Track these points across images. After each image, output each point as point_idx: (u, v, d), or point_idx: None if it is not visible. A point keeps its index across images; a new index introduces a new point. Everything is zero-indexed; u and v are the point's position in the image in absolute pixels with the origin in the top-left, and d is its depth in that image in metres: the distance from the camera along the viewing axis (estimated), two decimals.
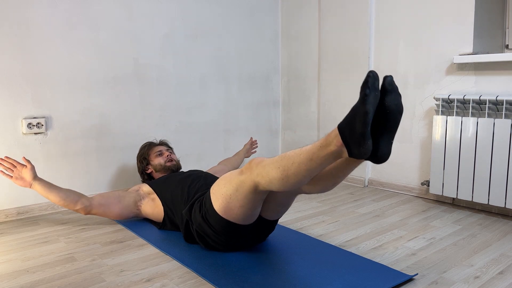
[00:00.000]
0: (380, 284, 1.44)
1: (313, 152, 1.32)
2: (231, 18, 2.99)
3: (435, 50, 2.41)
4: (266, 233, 1.75)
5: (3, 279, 1.54)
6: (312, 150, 1.32)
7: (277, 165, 1.37)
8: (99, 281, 1.51)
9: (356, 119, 1.23)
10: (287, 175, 1.35)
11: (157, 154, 2.25)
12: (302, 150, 1.35)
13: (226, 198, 1.53)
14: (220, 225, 1.60)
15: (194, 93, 2.86)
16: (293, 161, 1.34)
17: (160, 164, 2.22)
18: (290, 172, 1.35)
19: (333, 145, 1.28)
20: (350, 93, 2.84)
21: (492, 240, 1.87)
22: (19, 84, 2.21)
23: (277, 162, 1.38)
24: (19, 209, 2.24)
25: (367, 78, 1.22)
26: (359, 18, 2.74)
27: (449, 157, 2.27)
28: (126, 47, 2.54)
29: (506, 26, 2.40)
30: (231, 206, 1.53)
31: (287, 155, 1.37)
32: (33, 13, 2.21)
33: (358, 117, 1.22)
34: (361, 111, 1.22)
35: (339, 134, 1.27)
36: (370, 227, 2.04)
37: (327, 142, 1.30)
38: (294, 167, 1.34)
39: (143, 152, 2.29)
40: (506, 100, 2.06)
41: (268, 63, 3.25)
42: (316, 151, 1.31)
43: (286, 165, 1.35)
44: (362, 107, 1.22)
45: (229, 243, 1.67)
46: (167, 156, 2.24)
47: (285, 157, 1.37)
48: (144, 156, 2.27)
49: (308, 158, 1.32)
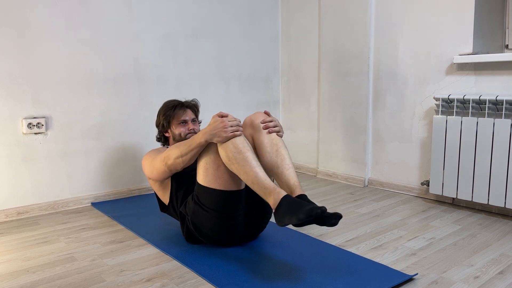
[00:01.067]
0: (380, 284, 1.45)
1: (258, 183, 1.53)
2: (231, 18, 2.99)
3: (435, 50, 2.41)
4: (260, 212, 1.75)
5: (3, 279, 1.54)
6: (259, 182, 1.53)
7: (235, 155, 1.56)
8: (99, 281, 1.51)
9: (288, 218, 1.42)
10: (231, 165, 1.58)
11: (180, 122, 2.00)
12: (255, 171, 1.55)
13: (205, 168, 1.65)
14: (212, 199, 1.63)
15: (194, 93, 2.86)
16: (244, 167, 1.56)
17: (180, 134, 2.00)
18: (234, 167, 1.57)
19: (270, 201, 1.50)
20: (350, 93, 2.84)
21: (492, 240, 1.87)
22: (19, 84, 2.21)
23: (236, 151, 1.57)
24: (19, 209, 2.25)
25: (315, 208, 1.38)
26: (359, 18, 2.74)
27: (449, 157, 2.27)
28: (126, 47, 2.54)
29: (506, 26, 2.40)
30: (212, 172, 1.63)
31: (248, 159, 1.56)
32: (33, 13, 2.21)
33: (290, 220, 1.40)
34: (294, 221, 1.39)
35: (276, 208, 1.47)
36: (370, 227, 2.04)
37: (269, 194, 1.50)
38: (240, 169, 1.56)
39: (167, 114, 2.01)
40: (506, 100, 2.06)
41: (268, 63, 3.26)
42: (260, 186, 1.52)
43: (239, 162, 1.56)
44: (295, 221, 1.39)
45: (225, 226, 1.67)
46: (190, 129, 2.01)
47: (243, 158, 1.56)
48: (168, 119, 2.01)
49: (251, 181, 1.54)
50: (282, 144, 1.73)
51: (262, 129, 1.74)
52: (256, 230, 1.81)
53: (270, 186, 1.51)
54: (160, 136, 2.07)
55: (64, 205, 2.38)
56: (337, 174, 2.98)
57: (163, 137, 2.07)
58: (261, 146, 1.72)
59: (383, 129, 2.71)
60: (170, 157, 1.74)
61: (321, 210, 1.37)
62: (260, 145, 1.73)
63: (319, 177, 3.08)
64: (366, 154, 2.80)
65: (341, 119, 2.92)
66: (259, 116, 1.77)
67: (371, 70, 2.73)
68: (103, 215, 2.27)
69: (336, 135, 2.96)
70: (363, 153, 2.81)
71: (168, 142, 2.08)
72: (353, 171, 2.89)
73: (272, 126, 1.75)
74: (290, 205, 1.42)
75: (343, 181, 2.94)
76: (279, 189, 1.50)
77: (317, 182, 2.96)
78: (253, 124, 1.76)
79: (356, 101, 2.81)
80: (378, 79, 2.70)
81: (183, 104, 2.05)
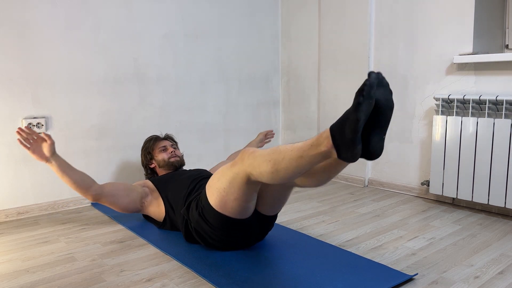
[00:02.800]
0: (380, 284, 1.45)
1: (303, 150, 1.33)
2: (231, 18, 2.99)
3: (435, 50, 2.41)
4: (264, 230, 1.75)
5: (3, 279, 1.54)
6: (303, 148, 1.33)
7: (268, 158, 1.39)
8: (99, 281, 1.51)
9: (347, 125, 1.24)
10: (277, 169, 1.37)
11: (161, 149, 2.22)
12: (294, 146, 1.36)
13: (220, 191, 1.54)
14: (217, 221, 1.60)
15: (194, 93, 2.86)
16: (284, 156, 1.36)
17: (163, 159, 2.20)
18: (280, 167, 1.36)
19: (323, 146, 1.30)
20: (350, 93, 2.84)
21: (492, 240, 1.87)
22: (19, 84, 2.21)
23: (268, 155, 1.40)
24: (19, 209, 2.25)
25: (363, 86, 1.21)
26: (359, 18, 2.74)
27: (449, 157, 2.27)
28: (126, 47, 2.54)
29: (506, 26, 2.40)
30: (225, 200, 1.54)
31: (279, 150, 1.39)
32: (33, 13, 2.21)
33: (349, 123, 1.23)
34: (352, 118, 1.22)
35: (330, 136, 1.28)
36: (370, 227, 2.04)
37: (318, 142, 1.31)
38: (284, 162, 1.36)
39: (147, 146, 2.26)
40: (506, 100, 2.06)
41: (268, 63, 3.25)
42: (307, 149, 1.33)
43: (277, 159, 1.37)
44: (354, 114, 1.22)
45: (227, 240, 1.67)
46: (171, 152, 2.22)
47: (276, 151, 1.39)
48: (149, 151, 2.24)
49: (299, 155, 1.34)
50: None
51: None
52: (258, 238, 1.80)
53: (310, 141, 1.34)
54: (147, 170, 2.28)
55: (64, 205, 2.38)
56: None
57: (149, 170, 2.27)
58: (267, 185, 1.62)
59: None
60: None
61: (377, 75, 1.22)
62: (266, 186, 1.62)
63: None
64: None
65: None
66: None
67: (371, 70, 2.72)
68: (103, 215, 2.27)
69: None
70: None
71: (157, 173, 2.26)
72: (353, 171, 2.89)
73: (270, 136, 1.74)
74: (340, 124, 1.26)
75: (343, 181, 2.94)
76: (319, 134, 1.34)
77: None
78: None
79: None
80: None
81: (159, 137, 2.32)
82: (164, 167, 2.21)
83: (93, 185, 1.90)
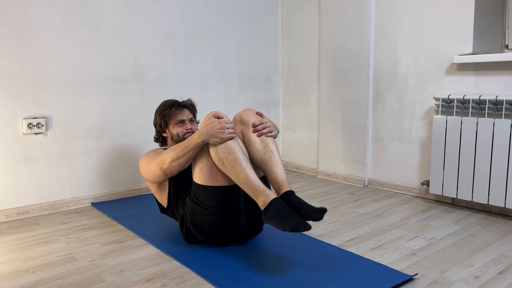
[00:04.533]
0: (380, 284, 1.45)
1: (248, 184, 1.57)
2: (231, 18, 2.99)
3: (435, 50, 2.41)
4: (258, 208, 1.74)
5: (3, 279, 1.54)
6: (249, 184, 1.57)
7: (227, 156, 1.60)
8: (99, 281, 1.51)
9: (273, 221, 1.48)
10: (222, 166, 1.61)
11: (178, 122, 1.99)
12: (245, 172, 1.58)
13: (200, 167, 1.67)
14: (210, 197, 1.65)
15: (194, 93, 2.86)
16: (235, 168, 1.60)
17: (178, 134, 1.98)
18: (225, 167, 1.61)
19: (259, 201, 1.54)
20: (350, 93, 2.84)
21: (492, 240, 1.87)
22: (19, 84, 2.21)
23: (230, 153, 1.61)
24: (19, 209, 2.25)
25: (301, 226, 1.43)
26: (359, 18, 2.74)
27: (449, 157, 2.27)
28: (126, 47, 2.54)
29: (506, 26, 2.40)
30: (207, 170, 1.66)
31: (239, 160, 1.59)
32: (33, 13, 2.21)
33: (275, 224, 1.47)
34: (279, 227, 1.46)
35: (264, 209, 1.52)
36: (370, 227, 2.04)
37: (259, 195, 1.55)
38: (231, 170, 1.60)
39: (165, 113, 2.00)
40: (506, 100, 2.06)
41: (268, 63, 3.25)
42: (250, 188, 1.57)
43: (231, 163, 1.60)
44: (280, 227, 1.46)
45: (225, 225, 1.68)
46: (188, 129, 2.00)
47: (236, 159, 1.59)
48: (165, 119, 2.00)
49: (241, 182, 1.59)
50: (271, 140, 1.74)
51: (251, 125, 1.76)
52: (255, 227, 1.81)
53: (260, 187, 1.55)
54: (158, 136, 2.06)
55: (64, 205, 2.38)
56: (337, 174, 2.98)
57: (161, 137, 2.06)
58: (250, 143, 1.74)
59: (383, 129, 2.71)
60: (165, 161, 1.73)
61: (305, 228, 1.42)
62: (249, 141, 1.75)
63: (319, 177, 3.08)
64: (366, 154, 2.80)
65: (341, 119, 2.92)
66: (248, 113, 1.79)
67: (371, 70, 2.73)
68: (103, 215, 2.27)
69: (336, 135, 2.96)
70: (363, 153, 2.81)
71: (166, 143, 2.06)
72: (353, 171, 2.89)
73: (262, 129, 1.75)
74: (277, 211, 1.47)
75: (343, 181, 2.94)
76: (268, 191, 1.53)
77: (317, 182, 2.96)
78: (243, 120, 1.78)
79: (356, 101, 2.81)
80: (378, 79, 2.70)
81: (180, 104, 2.03)
82: (177, 141, 1.98)
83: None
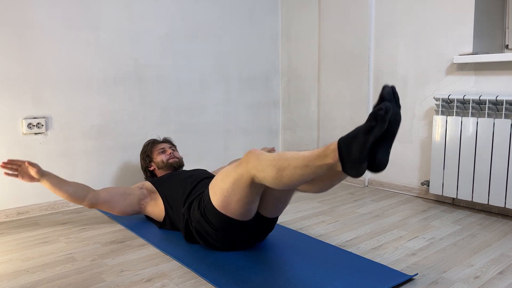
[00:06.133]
0: (380, 284, 1.45)
1: (309, 159, 1.34)
2: (231, 18, 2.99)
3: (435, 50, 2.41)
4: (265, 231, 1.75)
5: (3, 279, 1.54)
6: (310, 157, 1.34)
7: (274, 163, 1.39)
8: (99, 281, 1.51)
9: (355, 143, 1.25)
10: (281, 175, 1.37)
11: (159, 152, 2.24)
12: (300, 154, 1.36)
13: (223, 192, 1.55)
14: (219, 221, 1.60)
15: (194, 93, 2.86)
16: (289, 163, 1.36)
17: (162, 161, 2.21)
18: (285, 173, 1.37)
19: (329, 158, 1.30)
20: (350, 93, 2.84)
21: (492, 240, 1.87)
22: (19, 84, 2.21)
23: (274, 160, 1.40)
24: (19, 209, 2.25)
25: (379, 110, 1.20)
26: (359, 18, 2.74)
27: (449, 157, 2.27)
28: (126, 47, 2.54)
29: (506, 26, 2.40)
30: (228, 200, 1.54)
31: (285, 156, 1.39)
32: (33, 13, 2.21)
33: (358, 143, 1.24)
34: (362, 140, 1.23)
35: (338, 149, 1.29)
36: (370, 227, 2.04)
37: (325, 153, 1.31)
38: (289, 169, 1.36)
39: (146, 150, 2.29)
40: (506, 100, 2.06)
41: (268, 63, 3.25)
42: (313, 159, 1.33)
43: (282, 165, 1.37)
44: (364, 137, 1.22)
45: (228, 241, 1.67)
46: (170, 154, 2.24)
47: (282, 157, 1.39)
48: (147, 154, 2.27)
49: (304, 164, 1.34)
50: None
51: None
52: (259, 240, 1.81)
53: (317, 152, 1.34)
54: (146, 173, 2.30)
55: (64, 205, 2.38)
56: None
57: (149, 173, 2.29)
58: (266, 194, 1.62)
59: None
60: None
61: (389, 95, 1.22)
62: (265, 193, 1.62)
63: None
64: None
65: (341, 119, 2.92)
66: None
67: (371, 70, 2.73)
68: (103, 215, 2.27)
69: (336, 135, 2.96)
70: None
71: (156, 175, 2.27)
72: None
73: None
74: (349, 140, 1.26)
75: (343, 181, 2.93)
76: (327, 146, 1.33)
77: None
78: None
79: (356, 101, 2.81)
80: (378, 79, 2.70)
81: (157, 140, 2.34)
82: (163, 168, 2.22)
83: (88, 194, 1.94)
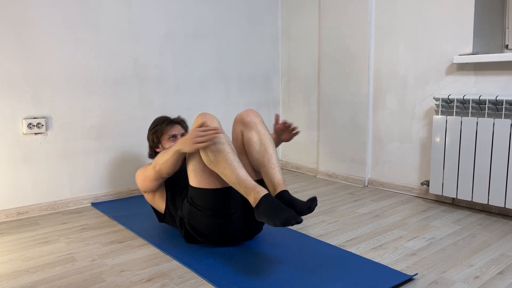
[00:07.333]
0: (380, 284, 1.45)
1: (239, 182, 1.56)
2: (231, 18, 2.99)
3: (435, 50, 2.41)
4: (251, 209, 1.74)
5: (3, 279, 1.54)
6: (240, 181, 1.56)
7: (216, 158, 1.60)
8: (99, 281, 1.51)
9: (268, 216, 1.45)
10: (214, 167, 1.62)
11: (170, 138, 2.07)
12: (236, 171, 1.58)
13: (193, 170, 1.69)
14: (204, 199, 1.66)
15: (194, 93, 2.86)
16: (225, 168, 1.59)
17: None
18: (216, 169, 1.61)
19: (251, 198, 1.52)
20: (350, 93, 2.84)
21: (492, 240, 1.87)
22: (19, 84, 2.21)
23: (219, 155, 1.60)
24: (19, 209, 2.25)
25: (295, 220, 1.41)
26: (359, 18, 2.74)
27: (449, 157, 2.27)
28: (126, 47, 2.54)
29: (506, 26, 2.40)
30: (199, 173, 1.68)
31: (229, 160, 1.59)
32: (33, 13, 2.21)
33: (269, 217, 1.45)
34: (272, 221, 1.43)
35: (256, 206, 1.50)
36: (370, 227, 2.04)
37: (250, 192, 1.53)
38: (220, 170, 1.60)
39: (156, 129, 2.08)
40: (506, 100, 2.06)
41: (268, 63, 3.25)
42: (242, 185, 1.55)
43: (219, 165, 1.60)
44: (274, 222, 1.43)
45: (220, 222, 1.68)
46: None
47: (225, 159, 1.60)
48: (157, 135, 2.08)
49: (234, 181, 1.58)
50: (271, 144, 1.76)
51: (251, 127, 1.78)
52: (253, 228, 1.81)
53: (250, 184, 1.54)
54: (152, 152, 2.15)
55: (64, 205, 2.38)
56: (337, 174, 2.98)
57: (154, 153, 2.15)
58: (250, 144, 1.77)
59: (383, 129, 2.71)
60: (158, 162, 1.81)
61: (296, 221, 1.40)
62: (249, 142, 1.77)
63: (319, 177, 3.08)
64: (366, 154, 2.80)
65: (341, 119, 2.92)
66: (250, 113, 1.83)
67: (371, 70, 2.73)
68: (103, 215, 2.27)
69: (336, 135, 2.97)
70: (363, 153, 2.81)
71: None
72: (353, 171, 2.89)
73: (292, 128, 2.03)
74: (268, 207, 1.47)
75: (343, 181, 2.94)
76: (259, 188, 1.52)
77: (317, 182, 2.96)
78: (244, 121, 1.81)
79: (356, 101, 2.81)
80: (378, 79, 2.70)
81: (171, 120, 2.13)
82: None
83: None
